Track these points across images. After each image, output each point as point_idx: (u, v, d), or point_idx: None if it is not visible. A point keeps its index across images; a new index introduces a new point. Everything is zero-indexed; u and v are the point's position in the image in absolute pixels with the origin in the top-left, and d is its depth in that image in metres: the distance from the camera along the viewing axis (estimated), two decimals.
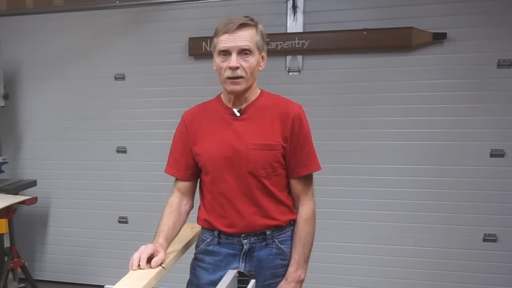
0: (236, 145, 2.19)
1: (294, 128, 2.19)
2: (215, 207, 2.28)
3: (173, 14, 4.57)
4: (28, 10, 4.95)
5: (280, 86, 2.97)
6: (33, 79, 5.06)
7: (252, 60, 2.12)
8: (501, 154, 3.98)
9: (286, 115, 2.21)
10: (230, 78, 2.12)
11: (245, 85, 2.15)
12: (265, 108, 2.24)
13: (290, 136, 2.20)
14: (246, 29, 2.09)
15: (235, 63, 2.08)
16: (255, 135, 2.19)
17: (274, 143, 2.18)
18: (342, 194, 4.30)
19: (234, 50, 2.09)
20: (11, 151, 5.13)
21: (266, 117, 2.22)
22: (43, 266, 5.25)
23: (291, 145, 2.21)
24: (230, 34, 2.08)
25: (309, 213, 2.25)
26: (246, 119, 2.23)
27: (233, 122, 2.23)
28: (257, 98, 2.26)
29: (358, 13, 4.15)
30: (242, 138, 2.20)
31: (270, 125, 2.21)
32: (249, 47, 2.09)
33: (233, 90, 2.15)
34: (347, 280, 4.42)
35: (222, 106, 2.27)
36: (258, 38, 2.14)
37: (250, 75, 2.14)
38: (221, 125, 2.25)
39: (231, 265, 2.25)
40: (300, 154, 2.22)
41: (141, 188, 4.79)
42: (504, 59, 3.88)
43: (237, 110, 2.23)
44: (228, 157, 2.20)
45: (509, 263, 4.03)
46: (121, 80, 4.78)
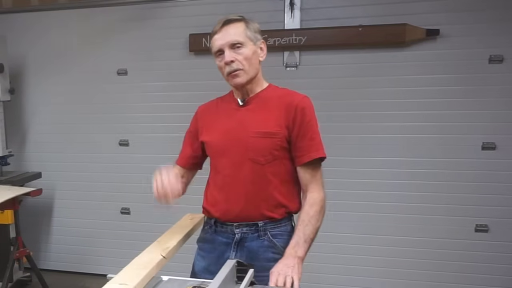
0: (237, 133, 2.21)
1: (296, 117, 2.19)
2: (214, 194, 2.31)
3: (174, 11, 4.62)
4: (33, 7, 5.03)
5: (278, 81, 2.89)
6: (38, 74, 5.12)
7: (246, 51, 2.14)
8: (492, 147, 4.03)
9: (290, 105, 2.22)
10: (230, 72, 2.15)
11: (246, 76, 2.17)
12: (270, 99, 2.26)
13: (293, 125, 2.20)
14: (232, 24, 2.14)
15: (228, 58, 2.12)
16: (257, 124, 2.21)
17: (275, 131, 2.19)
18: (337, 185, 4.30)
19: (224, 46, 2.13)
20: (16, 144, 5.18)
21: (270, 107, 2.24)
22: (48, 256, 5.32)
23: (294, 133, 2.21)
24: (218, 33, 2.15)
25: (316, 199, 2.21)
26: (250, 109, 2.25)
27: (237, 112, 2.26)
28: (262, 90, 2.28)
29: (354, 10, 4.19)
30: (244, 126, 2.21)
31: (273, 114, 2.23)
32: (237, 40, 2.13)
33: (236, 82, 2.18)
34: (345, 269, 4.49)
35: (231, 99, 2.31)
36: (248, 30, 2.17)
37: (248, 66, 2.16)
38: (226, 115, 2.29)
39: (223, 253, 2.28)
40: (302, 142, 2.21)
41: (143, 180, 4.58)
42: (495, 54, 3.93)
43: (241, 100, 2.26)
44: (230, 145, 2.23)
45: (500, 252, 4.09)
46: (123, 75, 4.84)
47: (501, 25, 3.92)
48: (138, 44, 4.77)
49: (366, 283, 4.41)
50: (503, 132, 4.02)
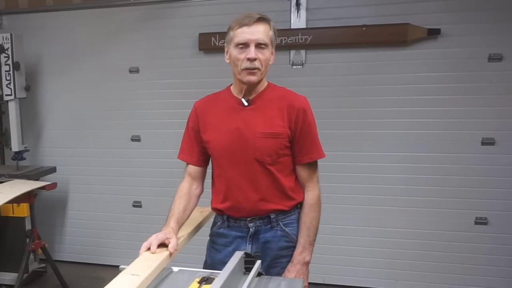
0: (244, 133, 2.23)
1: (298, 119, 2.23)
2: (222, 192, 2.33)
3: (184, 11, 4.70)
4: (48, 7, 5.10)
5: (284, 79, 3.04)
6: (53, 72, 5.20)
7: (267, 53, 2.17)
8: (491, 142, 4.11)
9: (292, 107, 2.24)
10: (248, 68, 2.16)
11: (260, 77, 2.20)
12: (272, 99, 2.28)
13: (295, 126, 2.23)
14: (263, 23, 2.15)
15: (253, 55, 2.12)
16: (262, 124, 2.23)
17: (279, 132, 2.22)
18: (341, 179, 4.42)
19: (252, 42, 2.12)
20: (32, 139, 5.25)
21: (273, 108, 2.25)
22: (62, 248, 5.42)
23: (295, 134, 2.24)
24: (248, 27, 2.13)
25: (314, 199, 2.30)
26: (254, 109, 2.26)
27: (241, 112, 2.27)
28: (264, 90, 2.29)
29: (358, 10, 4.27)
30: (250, 127, 2.23)
31: (276, 115, 2.25)
32: (265, 41, 2.14)
33: (249, 80, 2.19)
34: (348, 260, 4.55)
35: (231, 97, 2.31)
36: (272, 34, 2.20)
37: (264, 68, 2.19)
38: (230, 114, 2.29)
39: (239, 246, 2.31)
40: (303, 142, 2.26)
41: (154, 174, 4.92)
42: (494, 53, 4.00)
43: (245, 100, 2.27)
44: (235, 145, 2.24)
45: (499, 244, 4.18)
46: (135, 73, 4.93)
47: (500, 24, 3.99)
48: (150, 43, 4.84)
49: (370, 274, 4.51)
50: (502, 128, 4.09)
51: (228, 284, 1.76)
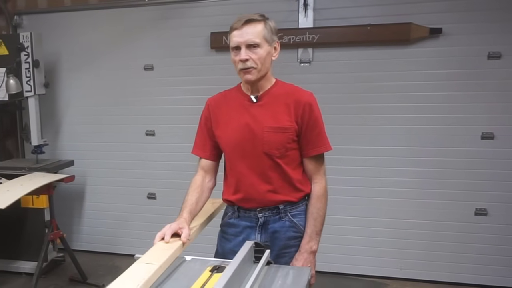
0: (253, 128, 2.28)
1: (304, 113, 2.27)
2: (233, 185, 2.38)
3: (197, 11, 4.80)
4: (66, 7, 5.24)
5: (292, 76, 3.11)
6: (71, 69, 5.30)
7: (260, 51, 2.20)
8: (491, 136, 4.21)
9: (298, 102, 2.28)
10: (243, 69, 2.22)
11: (257, 74, 2.23)
12: (279, 95, 2.32)
13: (301, 120, 2.27)
14: (252, 24, 2.18)
15: (244, 56, 2.17)
16: (270, 119, 2.28)
17: (287, 126, 2.26)
18: (348, 172, 4.51)
19: (242, 44, 2.18)
20: (51, 134, 5.35)
21: (280, 103, 2.30)
22: (80, 237, 5.54)
23: (302, 128, 2.28)
24: (238, 30, 2.19)
25: (320, 191, 2.34)
26: (262, 105, 2.31)
27: (250, 108, 2.32)
28: (272, 87, 2.33)
29: (363, 10, 4.36)
30: (258, 122, 2.28)
31: (284, 110, 2.29)
32: (254, 41, 2.18)
33: (247, 79, 2.24)
34: (354, 250, 4.64)
35: (241, 94, 2.36)
36: (266, 32, 2.21)
37: (261, 65, 2.22)
38: (239, 110, 2.34)
39: (249, 236, 2.37)
40: (310, 136, 2.30)
41: (168, 167, 5.03)
42: (493, 51, 4.09)
43: (254, 96, 2.32)
44: (245, 139, 2.29)
45: (498, 234, 4.28)
46: (150, 70, 5.04)
47: (499, 24, 4.08)
48: (164, 41, 4.94)
49: (376, 262, 4.61)
50: (501, 123, 4.19)
51: (239, 272, 1.82)
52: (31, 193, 4.13)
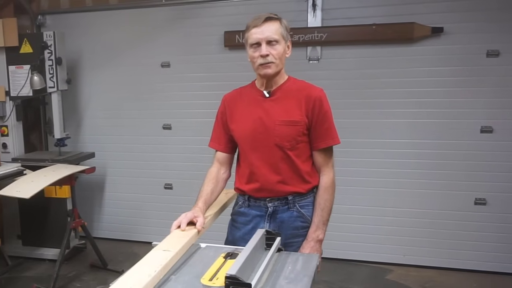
0: (265, 122, 2.33)
1: (315, 108, 2.32)
2: (246, 175, 2.43)
3: (211, 11, 4.91)
4: (87, 8, 5.37)
5: (302, 72, 3.05)
6: (92, 66, 5.43)
7: (279, 48, 2.26)
8: (489, 130, 4.32)
9: (309, 97, 2.32)
10: (262, 64, 2.26)
11: (275, 69, 2.28)
12: (291, 91, 2.36)
13: (311, 115, 2.32)
14: (271, 22, 2.25)
15: (265, 51, 2.23)
16: (282, 113, 2.32)
17: (297, 120, 2.31)
18: (354, 164, 4.62)
19: (263, 41, 2.23)
20: (73, 128, 5.48)
21: (292, 98, 2.34)
22: (100, 226, 5.67)
23: (312, 122, 2.32)
24: (258, 28, 2.24)
25: (328, 182, 2.38)
26: (275, 99, 2.36)
27: (263, 102, 2.37)
28: (284, 83, 2.38)
29: (368, 11, 4.46)
30: (271, 116, 2.33)
31: (295, 105, 2.33)
32: (274, 38, 2.23)
33: (266, 73, 2.29)
34: (360, 237, 4.74)
35: (255, 90, 2.42)
36: (283, 30, 2.27)
37: (279, 61, 2.27)
38: (253, 105, 2.39)
39: (258, 225, 2.41)
40: (319, 130, 2.34)
41: (183, 159, 5.14)
42: (492, 49, 4.20)
43: (266, 92, 2.37)
44: (258, 132, 2.34)
45: (496, 223, 4.40)
46: (166, 67, 5.15)
47: (498, 24, 4.18)
48: (180, 40, 5.05)
49: (380, 249, 4.72)
50: (499, 117, 4.29)
51: (251, 258, 1.84)
52: (54, 183, 4.21)
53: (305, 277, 1.87)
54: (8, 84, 4.93)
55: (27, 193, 3.91)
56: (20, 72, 4.87)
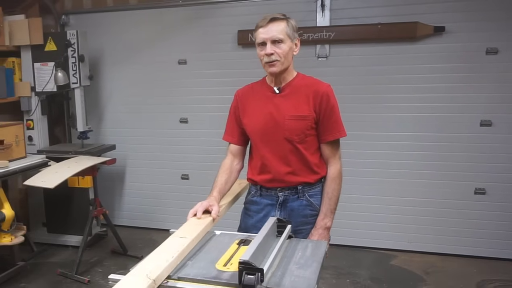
0: (275, 116, 2.38)
1: (322, 103, 2.36)
2: (258, 166, 2.49)
3: (225, 11, 5.04)
4: (109, 8, 5.50)
5: (311, 69, 3.08)
6: (113, 63, 5.56)
7: (284, 46, 2.29)
8: (489, 124, 4.44)
9: (317, 92, 2.37)
10: (268, 62, 2.31)
11: (281, 67, 2.32)
12: (300, 87, 2.40)
13: (319, 109, 2.36)
14: (276, 22, 2.28)
15: (269, 50, 2.28)
16: (291, 108, 2.37)
17: (306, 115, 2.35)
18: (361, 155, 4.73)
19: (267, 40, 2.28)
20: (95, 121, 5.61)
21: (301, 94, 2.38)
22: (121, 214, 5.82)
23: (320, 116, 2.37)
24: (264, 28, 2.29)
25: (335, 173, 2.43)
26: (284, 95, 2.41)
27: (274, 98, 2.42)
28: (293, 79, 2.43)
29: (374, 11, 4.57)
30: (280, 111, 2.38)
31: (303, 100, 2.37)
32: (279, 37, 2.27)
33: (271, 71, 2.34)
34: (367, 225, 4.86)
35: (265, 86, 2.47)
36: (288, 29, 2.30)
37: (284, 59, 2.31)
38: (264, 100, 2.44)
39: (269, 213, 2.46)
40: (327, 123, 2.39)
41: (199, 151, 5.28)
42: (491, 47, 4.32)
43: (276, 88, 2.42)
44: (268, 126, 2.40)
45: (495, 211, 4.52)
46: (183, 64, 5.28)
47: (496, 23, 4.29)
48: (196, 38, 5.18)
49: (387, 236, 4.84)
50: (497, 111, 4.40)
51: (263, 245, 1.87)
52: (77, 174, 4.32)
53: (314, 262, 1.91)
54: (34, 80, 5.03)
55: (52, 183, 4.01)
56: (45, 69, 4.97)
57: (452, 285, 4.17)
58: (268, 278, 1.72)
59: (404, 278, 4.34)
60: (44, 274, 4.53)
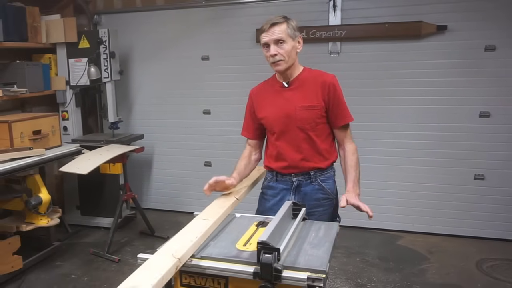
0: (287, 109, 2.47)
1: (330, 92, 2.45)
2: (274, 155, 2.59)
3: (244, 11, 5.24)
4: (138, 8, 5.71)
5: (324, 65, 3.16)
6: (141, 59, 5.77)
7: (286, 46, 2.38)
8: (487, 115, 4.60)
9: (324, 83, 2.45)
10: (273, 62, 2.42)
11: (285, 65, 2.42)
12: (307, 79, 2.49)
13: (328, 98, 2.45)
14: (277, 25, 2.37)
15: (272, 52, 2.38)
16: (301, 100, 2.46)
17: (315, 104, 2.45)
18: (369, 144, 4.84)
19: (270, 42, 2.38)
20: (125, 113, 5.83)
21: (309, 86, 2.47)
22: (149, 198, 6.03)
23: (329, 105, 2.46)
24: (266, 32, 2.39)
25: (353, 149, 2.52)
26: (293, 89, 2.50)
27: (284, 92, 2.52)
28: (300, 73, 2.52)
29: (382, 11, 4.73)
30: (291, 103, 2.47)
31: (312, 91, 2.46)
32: (280, 37, 2.36)
33: (277, 70, 2.46)
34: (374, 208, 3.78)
35: (276, 82, 2.57)
36: (289, 30, 2.38)
37: (288, 57, 2.39)
38: (275, 95, 2.54)
39: (285, 197, 2.54)
40: (336, 111, 2.48)
41: (221, 140, 5.48)
42: (489, 44, 4.49)
43: (285, 83, 2.51)
44: (281, 118, 2.50)
45: (493, 195, 4.69)
46: (206, 60, 5.49)
47: (494, 22, 4.45)
48: (218, 36, 5.38)
49: (393, 218, 5.00)
50: (495, 104, 4.57)
51: (280, 226, 1.90)
52: (108, 161, 4.43)
53: (326, 242, 1.96)
54: (68, 75, 5.21)
55: (85, 169, 4.15)
56: (79, 64, 5.15)
57: (454, 263, 4.31)
58: (284, 257, 1.78)
59: (410, 257, 4.46)
60: (78, 254, 4.69)
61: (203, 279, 1.80)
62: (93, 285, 4.06)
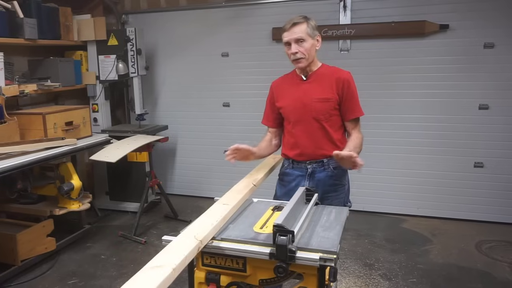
0: (304, 100, 2.56)
1: (344, 87, 2.53)
2: (290, 143, 2.67)
3: (262, 11, 5.43)
4: (162, 8, 5.89)
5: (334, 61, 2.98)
6: (165, 56, 5.94)
7: (306, 45, 2.47)
8: (486, 107, 4.80)
9: (339, 79, 2.54)
10: (294, 60, 2.51)
11: (306, 62, 2.51)
12: (324, 74, 2.58)
13: (342, 93, 2.53)
14: (298, 25, 2.46)
15: (294, 50, 2.47)
16: (317, 92, 2.54)
17: (329, 97, 2.53)
18: (377, 134, 5.04)
19: (291, 41, 2.47)
20: (150, 105, 6.05)
21: (325, 80, 2.55)
22: (173, 184, 6.22)
23: (342, 99, 2.54)
24: (287, 31, 2.48)
25: (359, 136, 2.59)
26: (311, 82, 2.59)
27: (302, 85, 2.60)
28: (318, 68, 2.61)
29: (388, 11, 4.92)
30: (308, 95, 2.55)
31: (327, 85, 2.54)
32: (301, 37, 2.44)
33: (298, 66, 2.57)
34: (381, 193, 5.21)
35: (295, 75, 2.66)
36: (309, 29, 2.46)
37: (308, 55, 2.48)
38: (294, 87, 2.62)
39: (300, 183, 2.62)
40: (348, 104, 2.56)
41: (239, 130, 5.53)
42: (488, 42, 4.67)
43: (304, 76, 2.60)
44: (298, 108, 2.58)
45: (491, 182, 4.89)
46: (226, 56, 5.69)
47: (493, 21, 4.63)
48: (236, 34, 5.56)
49: (399, 203, 5.20)
50: (494, 97, 4.75)
51: (294, 211, 1.92)
52: (135, 150, 4.56)
53: (337, 225, 1.98)
54: (98, 70, 5.41)
55: (114, 158, 4.26)
56: (108, 60, 5.35)
57: (455, 245, 4.47)
58: (298, 239, 1.81)
59: (414, 239, 4.64)
60: (107, 236, 4.87)
61: (223, 259, 1.84)
62: (121, 265, 4.23)
